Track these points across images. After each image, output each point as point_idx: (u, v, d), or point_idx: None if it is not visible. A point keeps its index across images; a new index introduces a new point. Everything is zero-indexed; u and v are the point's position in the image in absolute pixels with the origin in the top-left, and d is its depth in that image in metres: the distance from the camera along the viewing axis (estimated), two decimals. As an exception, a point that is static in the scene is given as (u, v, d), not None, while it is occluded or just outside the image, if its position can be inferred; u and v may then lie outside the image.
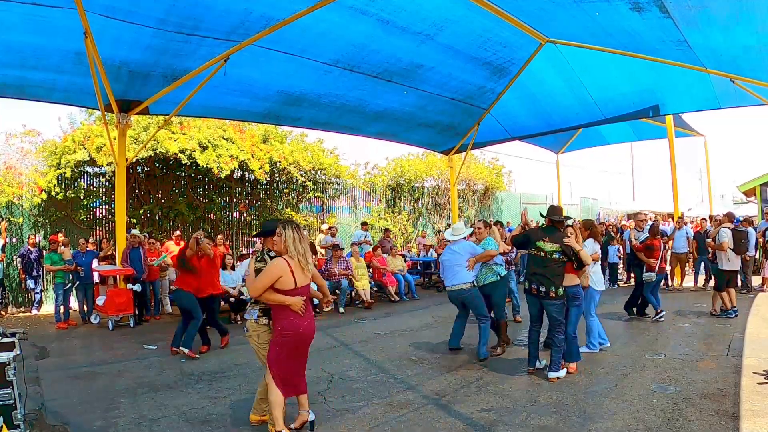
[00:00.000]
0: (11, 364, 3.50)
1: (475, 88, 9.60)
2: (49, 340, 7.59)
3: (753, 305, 8.96)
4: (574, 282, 5.27)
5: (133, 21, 6.07)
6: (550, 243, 5.09)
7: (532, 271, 5.23)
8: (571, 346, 5.27)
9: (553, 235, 5.13)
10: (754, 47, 6.34)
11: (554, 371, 5.09)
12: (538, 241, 5.17)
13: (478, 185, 19.12)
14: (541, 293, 5.09)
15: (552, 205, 5.55)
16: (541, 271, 5.11)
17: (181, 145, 10.61)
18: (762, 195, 15.50)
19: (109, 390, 5.07)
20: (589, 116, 10.48)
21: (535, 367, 5.38)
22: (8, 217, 10.24)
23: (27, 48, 6.38)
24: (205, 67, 7.18)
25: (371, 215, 15.83)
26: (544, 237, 5.16)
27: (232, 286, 8.81)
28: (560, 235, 5.10)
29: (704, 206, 20.40)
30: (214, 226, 12.59)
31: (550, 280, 5.04)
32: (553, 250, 5.07)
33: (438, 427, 3.97)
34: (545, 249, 5.10)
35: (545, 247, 5.10)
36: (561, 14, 6.68)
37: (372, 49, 7.59)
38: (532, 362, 5.42)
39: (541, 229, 5.44)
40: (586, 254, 5.15)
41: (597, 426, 3.88)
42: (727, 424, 3.82)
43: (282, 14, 6.30)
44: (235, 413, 4.37)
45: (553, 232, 5.18)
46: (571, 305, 5.28)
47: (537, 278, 5.13)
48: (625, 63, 8.09)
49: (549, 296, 5.05)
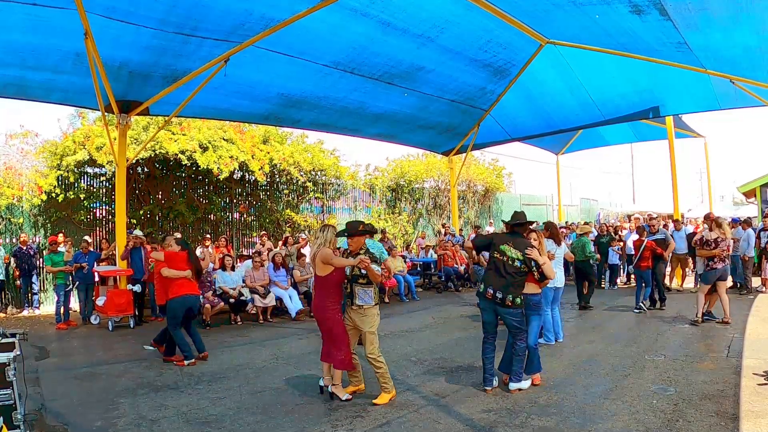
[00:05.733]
0: (11, 364, 3.50)
1: (475, 89, 9.62)
2: (49, 340, 7.59)
3: (753, 306, 8.95)
4: (536, 291, 4.97)
5: (133, 21, 6.09)
6: (513, 249, 4.75)
7: (491, 275, 4.81)
8: (531, 357, 4.94)
9: (517, 240, 4.82)
10: (754, 48, 6.36)
11: (515, 382, 4.77)
12: (502, 245, 4.81)
13: (478, 186, 19.12)
14: (497, 299, 4.69)
15: (516, 211, 5.23)
16: (501, 278, 4.72)
17: (181, 145, 10.62)
18: (762, 196, 15.50)
19: (109, 390, 5.07)
20: (589, 117, 10.50)
21: (492, 387, 4.82)
22: (8, 217, 10.24)
23: (27, 48, 6.39)
24: (205, 68, 7.19)
25: (371, 216, 15.83)
26: (508, 241, 4.82)
27: (232, 287, 8.81)
28: (524, 243, 4.79)
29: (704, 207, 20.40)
30: (215, 227, 12.60)
31: (509, 288, 4.68)
32: (515, 258, 4.72)
33: (438, 428, 3.97)
34: (508, 254, 4.75)
35: (508, 252, 4.75)
36: (561, 16, 6.70)
37: (372, 51, 7.60)
38: (489, 382, 4.83)
39: (507, 233, 5.07)
40: (550, 268, 4.84)
41: (597, 427, 3.88)
42: (727, 425, 3.82)
43: (282, 15, 6.31)
44: (235, 414, 4.37)
45: (517, 238, 4.86)
46: (531, 314, 4.99)
47: (494, 284, 4.73)
48: (625, 64, 8.11)
49: (505, 304, 4.66)
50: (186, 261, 6.25)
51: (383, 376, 4.52)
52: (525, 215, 5.06)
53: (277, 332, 8.13)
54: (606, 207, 28.04)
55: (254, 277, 9.16)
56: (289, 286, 9.45)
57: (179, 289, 6.13)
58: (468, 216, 18.60)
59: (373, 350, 4.49)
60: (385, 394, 4.53)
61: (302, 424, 4.11)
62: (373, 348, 4.50)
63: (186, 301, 6.15)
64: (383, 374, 4.51)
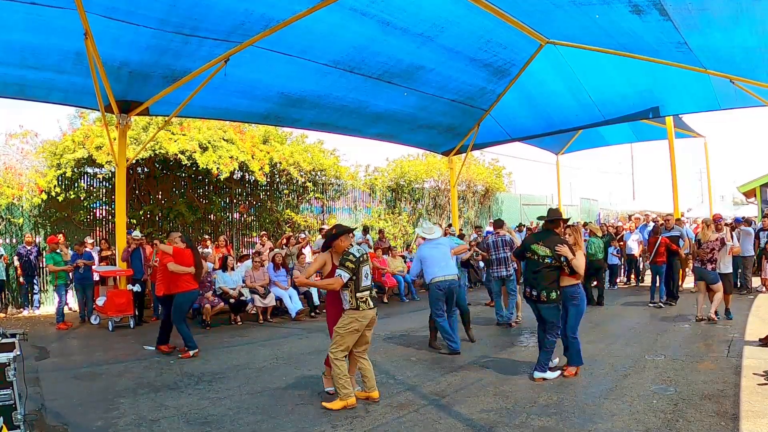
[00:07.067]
0: (11, 364, 3.49)
1: (475, 89, 9.61)
2: (49, 340, 7.59)
3: (753, 306, 8.96)
4: (570, 282, 5.15)
5: (133, 21, 6.08)
6: (543, 247, 5.07)
7: (527, 275, 5.28)
8: (571, 349, 5.20)
9: (547, 239, 5.10)
10: (754, 48, 6.36)
11: (539, 371, 5.06)
12: (532, 245, 5.19)
13: (478, 186, 19.12)
14: (533, 296, 5.11)
15: (551, 208, 5.57)
16: (534, 275, 5.11)
17: (181, 145, 10.62)
18: (762, 196, 15.52)
19: (109, 390, 5.07)
20: (589, 117, 10.50)
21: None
22: (8, 217, 10.24)
23: (27, 48, 6.38)
24: (205, 68, 7.19)
25: (371, 216, 15.83)
26: (538, 241, 5.17)
27: (232, 287, 8.81)
28: (554, 240, 5.04)
29: (704, 207, 20.40)
30: (215, 227, 12.60)
31: (542, 284, 5.03)
32: (545, 255, 5.04)
33: (438, 428, 3.97)
34: (538, 253, 5.09)
35: (538, 251, 5.09)
36: (561, 16, 6.69)
37: (372, 50, 7.60)
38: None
39: (537, 233, 5.45)
40: (579, 263, 5.01)
41: (597, 427, 3.88)
42: (727, 425, 3.82)
43: (282, 15, 6.31)
44: (235, 414, 4.37)
45: (547, 236, 5.14)
46: (569, 305, 5.16)
47: (530, 282, 5.16)
48: (625, 64, 8.10)
49: (540, 300, 5.05)
50: (190, 258, 6.51)
51: (336, 381, 4.39)
52: (559, 212, 5.38)
53: (277, 332, 8.14)
54: (606, 207, 28.03)
55: (254, 277, 9.17)
56: (289, 287, 9.45)
57: (187, 284, 6.42)
58: (468, 216, 18.60)
59: (332, 349, 4.42)
60: (338, 399, 4.39)
61: (302, 424, 4.11)
62: (334, 347, 4.40)
63: (193, 296, 6.57)
64: (336, 377, 4.38)
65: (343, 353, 4.42)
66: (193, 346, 6.40)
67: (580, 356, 5.21)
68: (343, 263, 4.38)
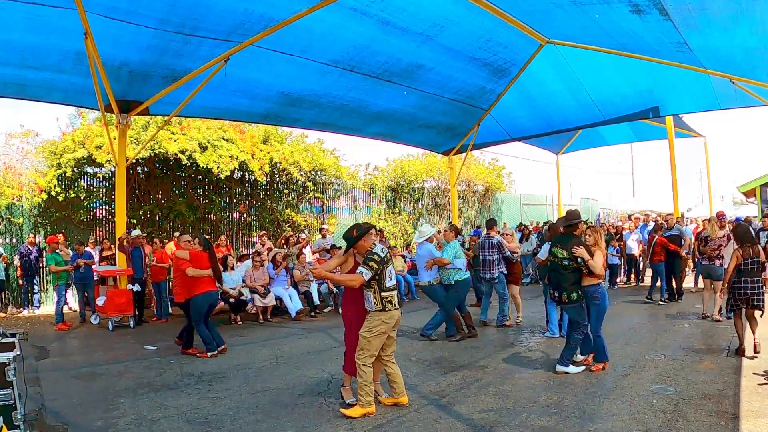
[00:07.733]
0: (11, 364, 3.49)
1: (475, 88, 9.61)
2: (49, 340, 7.59)
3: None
4: (590, 282, 5.25)
5: (133, 21, 6.08)
6: (562, 250, 5.28)
7: (551, 277, 5.55)
8: (596, 346, 5.34)
9: (566, 242, 5.30)
10: (754, 48, 6.35)
11: (562, 365, 5.28)
12: (553, 248, 5.44)
13: (478, 186, 19.12)
14: (556, 297, 5.42)
15: (569, 210, 5.78)
16: (556, 277, 5.38)
17: (181, 145, 10.62)
18: (762, 196, 15.52)
19: (109, 390, 5.07)
20: (589, 117, 10.49)
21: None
22: (8, 217, 10.24)
23: (27, 47, 6.38)
24: (205, 68, 7.18)
25: (371, 216, 15.82)
26: (558, 244, 5.40)
27: (232, 287, 8.81)
28: (572, 243, 5.22)
29: (704, 207, 20.42)
30: (214, 226, 12.59)
31: (563, 285, 5.26)
32: (564, 257, 5.25)
33: (438, 428, 3.97)
34: (558, 255, 5.32)
35: (558, 253, 5.32)
36: (561, 16, 6.69)
37: (372, 49, 7.59)
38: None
39: (558, 236, 5.69)
40: (596, 264, 5.13)
41: (597, 427, 3.88)
42: (727, 424, 3.82)
43: (282, 15, 6.30)
44: (235, 414, 4.37)
45: (567, 240, 5.32)
46: (590, 304, 5.27)
47: (554, 284, 5.45)
48: (625, 64, 8.10)
49: (563, 301, 5.33)
50: (207, 260, 6.50)
51: (361, 387, 4.26)
52: (577, 215, 5.55)
53: (277, 332, 8.14)
54: (606, 206, 28.02)
55: (254, 276, 9.17)
56: (289, 286, 9.45)
57: (204, 286, 6.40)
58: (468, 216, 18.59)
59: (359, 354, 4.26)
60: (359, 407, 4.27)
61: (302, 424, 4.11)
62: (361, 353, 4.24)
63: (210, 297, 6.50)
64: (361, 385, 4.26)
65: (371, 358, 4.25)
66: (212, 348, 6.39)
67: (606, 352, 5.40)
68: (367, 262, 4.22)
